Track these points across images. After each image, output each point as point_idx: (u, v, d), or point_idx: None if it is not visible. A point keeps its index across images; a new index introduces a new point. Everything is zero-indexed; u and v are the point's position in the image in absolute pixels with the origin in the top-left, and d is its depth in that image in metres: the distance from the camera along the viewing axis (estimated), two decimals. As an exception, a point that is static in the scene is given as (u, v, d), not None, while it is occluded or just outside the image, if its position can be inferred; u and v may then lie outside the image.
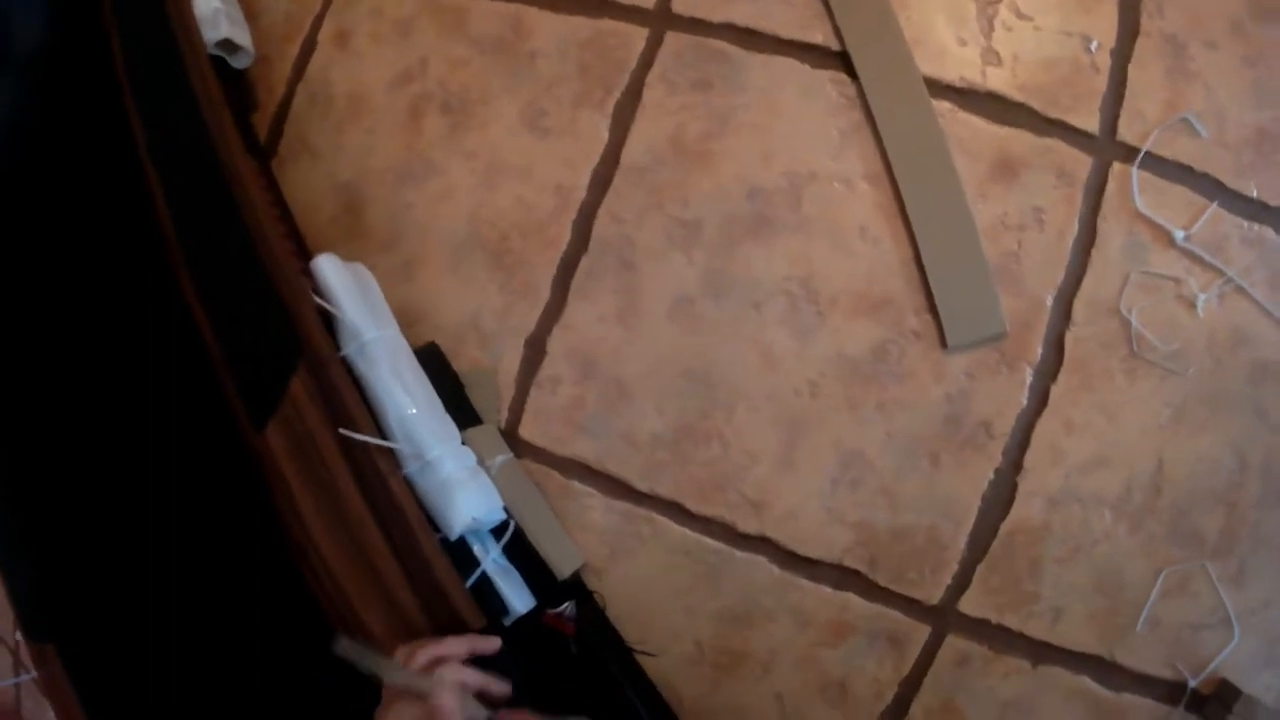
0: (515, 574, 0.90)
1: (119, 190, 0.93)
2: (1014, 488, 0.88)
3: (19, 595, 0.94)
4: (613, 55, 0.96)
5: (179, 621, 0.92)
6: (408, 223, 0.99)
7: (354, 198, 1.01)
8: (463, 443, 0.90)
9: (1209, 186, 0.88)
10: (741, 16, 0.94)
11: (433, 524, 0.85)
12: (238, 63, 1.02)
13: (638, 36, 0.96)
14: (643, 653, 0.92)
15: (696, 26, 0.95)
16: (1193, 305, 0.87)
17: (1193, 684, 0.86)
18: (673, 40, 0.95)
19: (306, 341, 0.85)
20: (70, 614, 0.93)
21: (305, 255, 0.95)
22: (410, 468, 0.85)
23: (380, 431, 0.86)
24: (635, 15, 0.96)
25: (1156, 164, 0.87)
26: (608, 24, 0.96)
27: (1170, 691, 0.88)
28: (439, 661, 0.75)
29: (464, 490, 0.85)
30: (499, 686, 0.76)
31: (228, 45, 1.00)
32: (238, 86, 1.03)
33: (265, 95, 1.07)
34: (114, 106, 0.92)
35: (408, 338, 0.93)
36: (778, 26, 0.94)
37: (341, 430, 0.82)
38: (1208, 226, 0.87)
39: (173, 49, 0.91)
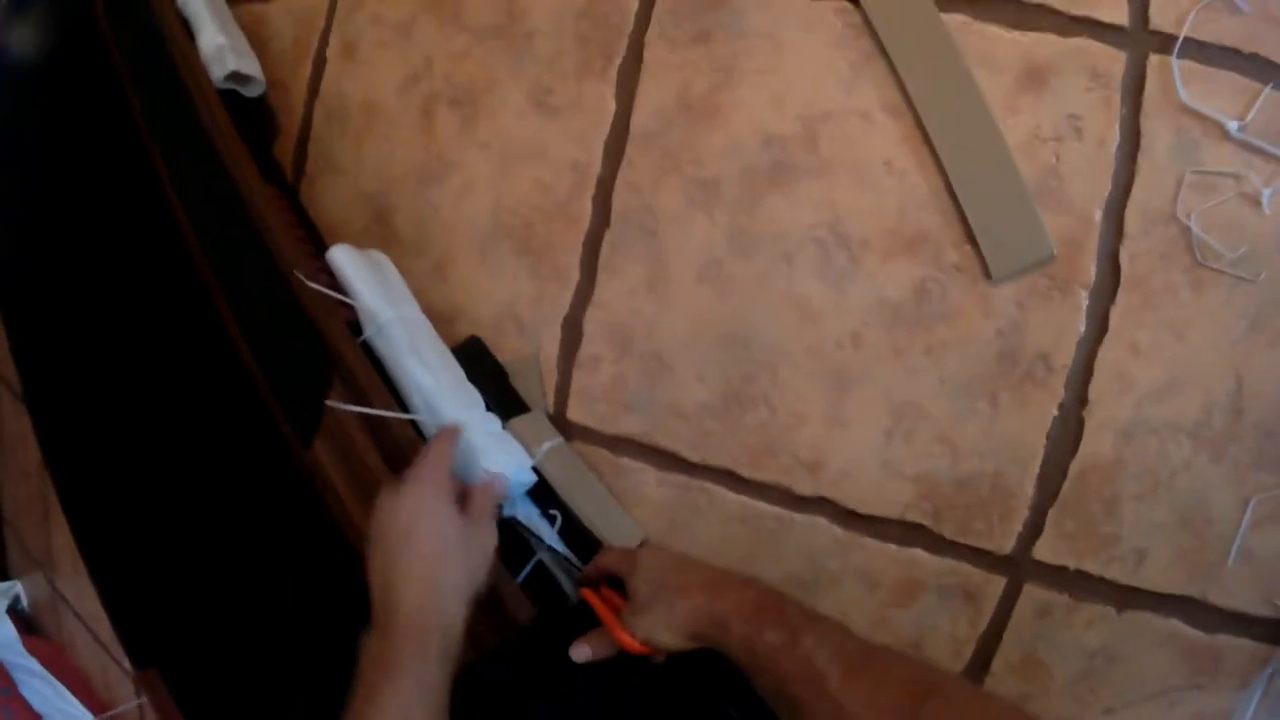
0: (573, 559, 0.90)
1: (156, 229, 0.97)
2: (1081, 423, 0.81)
3: (122, 625, 1.01)
4: (608, 21, 0.92)
5: (269, 640, 0.97)
6: (435, 223, 1.00)
7: (381, 206, 1.02)
8: (488, 409, 0.90)
9: (1259, 68, 0.76)
10: (731, -42, 0.90)
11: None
12: (250, 92, 1.05)
13: (630, -1, 0.93)
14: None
15: (687, -23, 0.91)
16: (1257, 202, 0.76)
17: (1295, 620, 0.79)
18: (666, -6, 0.92)
19: (337, 354, 0.88)
20: (170, 641, 1.00)
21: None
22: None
23: (406, 410, 0.88)
24: (624, -24, 0.94)
25: (1198, 50, 0.77)
26: (599, -10, 0.95)
27: (1270, 630, 0.80)
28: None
29: (487, 455, 0.85)
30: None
31: (238, 78, 1.02)
32: (256, 115, 1.06)
33: (287, 119, 1.09)
34: (137, 149, 0.97)
35: (447, 335, 0.94)
36: (769, -38, 0.89)
37: (354, 408, 0.84)
38: (1263, 113, 0.76)
39: (181, 91, 0.95)
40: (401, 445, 0.85)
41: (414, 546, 0.74)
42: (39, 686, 1.20)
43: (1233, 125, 0.76)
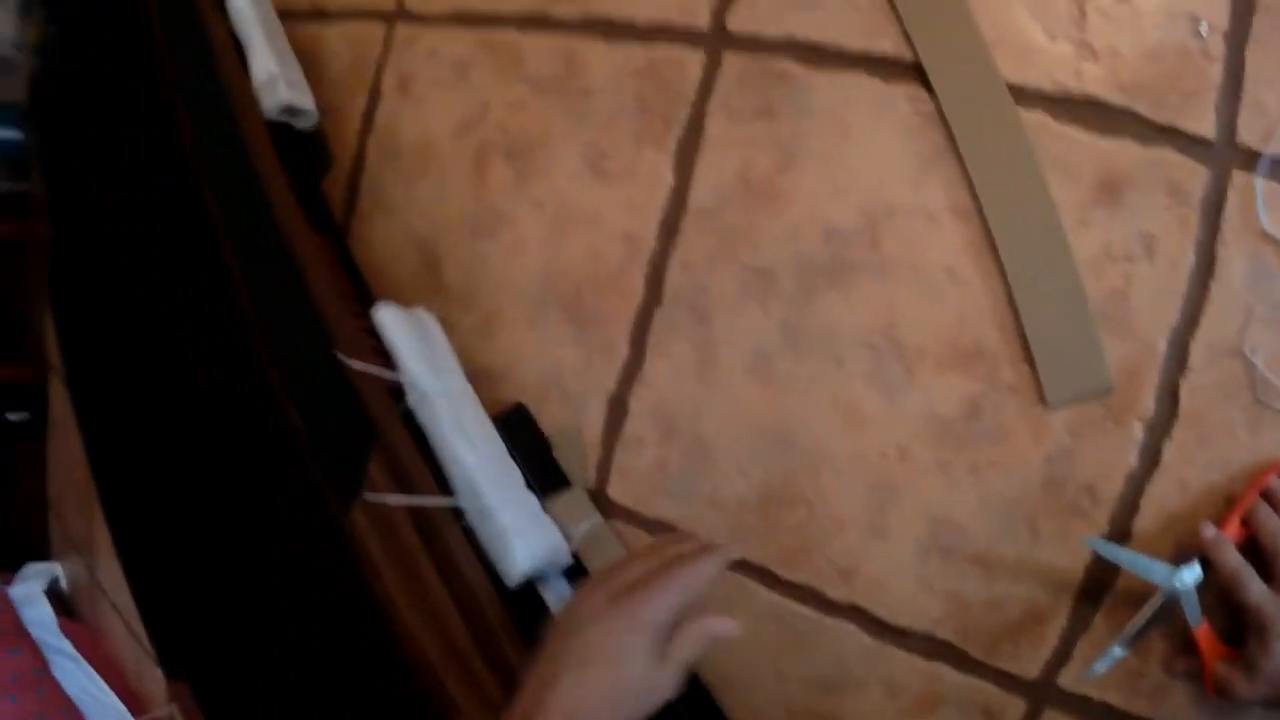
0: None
1: (207, 269, 0.97)
2: (1122, 558, 0.79)
3: (157, 637, 1.04)
4: (670, 85, 0.89)
5: (296, 667, 0.99)
6: (483, 277, 0.98)
7: (430, 253, 1.01)
8: (529, 488, 0.90)
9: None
10: (802, 28, 0.84)
11: (495, 577, 0.87)
12: (301, 124, 1.03)
13: (694, 62, 0.88)
14: None
15: (755, 45, 0.86)
16: (1327, 343, 0.72)
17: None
18: (731, 62, 0.87)
19: (379, 427, 0.88)
20: (201, 657, 1.03)
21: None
22: (471, 516, 0.88)
23: (446, 483, 0.88)
24: (689, 38, 0.88)
25: (1284, 171, 0.72)
26: (661, 50, 0.89)
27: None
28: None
29: (522, 537, 0.86)
30: None
31: (289, 110, 1.00)
32: (309, 147, 1.03)
33: (340, 149, 1.07)
34: (189, 183, 0.96)
35: (491, 395, 0.94)
36: (842, 37, 0.83)
37: (394, 499, 0.85)
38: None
39: (231, 127, 0.93)
40: (437, 524, 0.86)
41: (593, 669, 0.68)
42: (72, 669, 1.24)
43: (1312, 257, 0.70)
